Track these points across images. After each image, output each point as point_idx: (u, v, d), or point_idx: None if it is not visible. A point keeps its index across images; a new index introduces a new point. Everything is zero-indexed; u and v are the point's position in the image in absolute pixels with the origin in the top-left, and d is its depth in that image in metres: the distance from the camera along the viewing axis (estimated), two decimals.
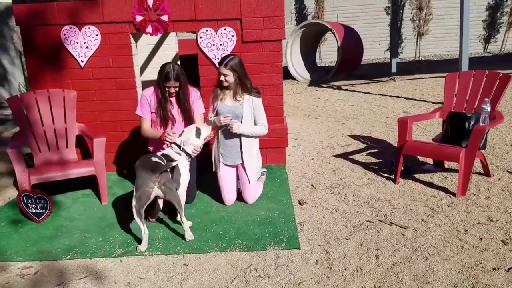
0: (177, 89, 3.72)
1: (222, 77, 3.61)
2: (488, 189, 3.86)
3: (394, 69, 10.73)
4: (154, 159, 3.22)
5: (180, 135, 3.47)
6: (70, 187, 4.30)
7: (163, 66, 3.68)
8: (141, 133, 3.89)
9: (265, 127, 3.81)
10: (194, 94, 3.89)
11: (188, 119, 3.84)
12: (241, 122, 3.70)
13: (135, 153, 3.77)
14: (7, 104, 4.09)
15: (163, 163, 3.20)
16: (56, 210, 3.86)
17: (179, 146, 3.40)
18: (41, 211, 3.71)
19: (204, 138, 3.49)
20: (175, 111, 3.82)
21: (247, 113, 3.71)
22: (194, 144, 3.44)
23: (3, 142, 5.86)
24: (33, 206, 3.70)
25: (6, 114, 7.79)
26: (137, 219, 3.09)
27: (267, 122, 3.82)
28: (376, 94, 8.81)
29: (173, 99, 3.82)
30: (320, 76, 11.37)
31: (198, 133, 3.45)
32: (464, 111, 4.16)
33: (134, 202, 3.09)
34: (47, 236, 3.42)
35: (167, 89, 3.70)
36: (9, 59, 9.66)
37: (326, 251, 3.00)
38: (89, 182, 4.36)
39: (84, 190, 4.32)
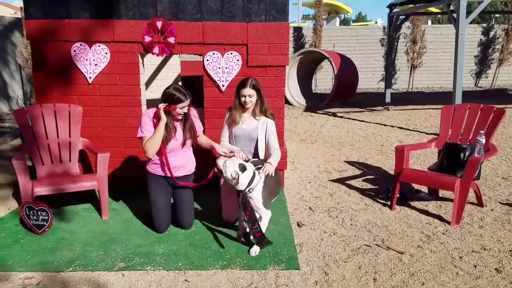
0: (186, 110, 3.61)
1: (247, 98, 3.65)
2: (481, 219, 3.97)
3: (388, 99, 10.98)
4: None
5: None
6: (70, 201, 4.33)
7: (174, 90, 3.54)
8: (146, 152, 3.58)
9: (280, 151, 3.82)
10: (194, 113, 3.83)
11: (189, 137, 3.75)
12: (256, 145, 3.77)
13: (135, 170, 3.83)
14: (10, 117, 4.17)
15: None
16: (56, 223, 3.89)
17: None
18: (42, 223, 3.74)
19: None
20: (178, 133, 3.71)
21: (261, 135, 3.78)
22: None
23: (2, 155, 5.88)
24: (35, 218, 3.72)
25: (4, 127, 7.82)
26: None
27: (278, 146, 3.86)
28: (370, 122, 9.00)
29: (177, 123, 3.71)
30: (316, 102, 11.58)
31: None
32: (459, 142, 4.30)
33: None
34: (48, 248, 3.45)
35: (179, 109, 3.56)
36: (9, 73, 9.74)
37: (325, 272, 3.07)
38: (87, 197, 4.40)
39: (83, 204, 4.35)
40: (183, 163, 3.77)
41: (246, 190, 3.36)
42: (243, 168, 3.35)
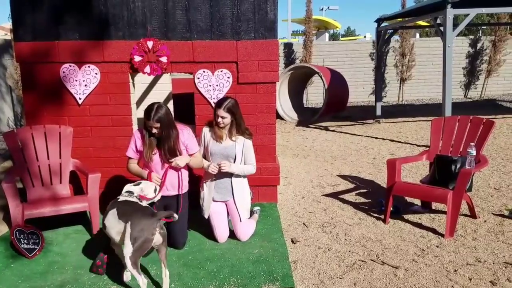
0: (154, 130, 3.54)
1: (220, 119, 3.73)
2: (475, 231, 3.97)
3: (378, 112, 11.04)
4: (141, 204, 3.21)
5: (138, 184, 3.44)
6: (62, 223, 4.28)
7: (149, 105, 3.56)
8: (128, 170, 3.84)
9: (254, 167, 3.93)
10: (187, 134, 3.76)
11: (168, 159, 3.65)
12: (234, 162, 3.81)
13: None
14: (0, 139, 4.15)
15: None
16: (47, 246, 3.83)
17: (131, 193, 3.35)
18: (33, 246, 3.68)
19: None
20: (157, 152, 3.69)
21: (239, 153, 3.83)
22: (148, 199, 3.40)
23: None
24: (25, 241, 3.67)
25: None
26: (133, 271, 2.85)
27: (255, 162, 3.93)
28: (362, 135, 9.03)
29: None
30: (307, 117, 11.62)
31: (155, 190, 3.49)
32: (450, 155, 4.32)
33: (129, 253, 2.84)
34: (39, 272, 3.39)
35: (149, 128, 3.57)
36: None
37: None
38: (79, 218, 4.35)
39: (75, 226, 4.30)
40: (170, 181, 3.74)
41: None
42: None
